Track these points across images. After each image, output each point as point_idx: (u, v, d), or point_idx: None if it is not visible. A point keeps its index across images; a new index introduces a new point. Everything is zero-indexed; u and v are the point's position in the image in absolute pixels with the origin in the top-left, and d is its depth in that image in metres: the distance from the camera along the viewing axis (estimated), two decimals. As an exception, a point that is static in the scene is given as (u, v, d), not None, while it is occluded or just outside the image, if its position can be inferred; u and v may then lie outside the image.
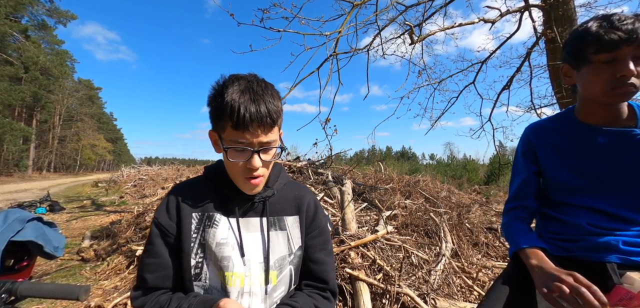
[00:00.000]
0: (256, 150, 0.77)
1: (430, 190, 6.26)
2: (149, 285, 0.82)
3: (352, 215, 2.88)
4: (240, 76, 0.80)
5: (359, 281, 1.97)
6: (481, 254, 3.38)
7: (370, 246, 2.42)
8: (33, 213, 1.79)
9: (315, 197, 1.00)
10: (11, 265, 1.69)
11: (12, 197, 11.48)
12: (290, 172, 5.96)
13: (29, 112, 34.33)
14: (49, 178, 29.70)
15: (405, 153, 50.08)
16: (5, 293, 0.84)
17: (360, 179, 7.25)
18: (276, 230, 0.89)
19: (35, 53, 26.88)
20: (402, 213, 4.11)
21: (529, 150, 1.08)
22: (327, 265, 0.95)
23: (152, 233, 0.85)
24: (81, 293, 0.84)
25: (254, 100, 0.74)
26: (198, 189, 0.89)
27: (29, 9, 27.43)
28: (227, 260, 0.82)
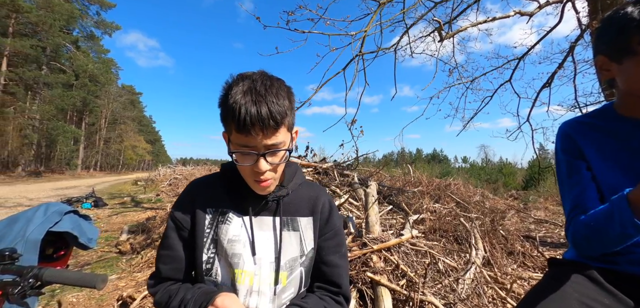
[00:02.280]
0: (262, 154, 0.74)
1: (461, 195, 5.96)
2: (163, 275, 0.86)
3: (376, 218, 2.79)
4: (246, 75, 0.76)
5: (381, 286, 1.89)
6: (516, 264, 3.14)
7: (394, 250, 2.32)
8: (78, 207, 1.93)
9: (330, 198, 0.97)
10: (51, 254, 1.81)
11: (63, 193, 12.58)
12: (315, 173, 5.95)
13: (79, 115, 37.53)
14: (95, 176, 32.25)
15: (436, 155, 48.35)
16: (33, 278, 0.88)
17: (388, 182, 7.08)
18: (289, 231, 0.87)
19: (85, 62, 29.34)
20: (431, 217, 3.94)
21: (573, 147, 0.92)
22: (340, 269, 0.91)
23: (168, 226, 0.88)
24: (98, 282, 0.86)
25: (256, 102, 0.70)
26: (213, 186, 0.89)
27: (80, 21, 30.02)
28: (237, 257, 0.82)
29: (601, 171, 0.87)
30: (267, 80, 0.75)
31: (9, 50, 23.43)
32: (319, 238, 0.90)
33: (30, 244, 1.51)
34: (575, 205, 0.87)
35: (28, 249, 1.49)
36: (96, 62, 32.62)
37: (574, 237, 0.85)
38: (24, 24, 24.08)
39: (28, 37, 24.14)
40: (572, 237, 0.85)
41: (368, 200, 3.09)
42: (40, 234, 1.55)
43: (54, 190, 14.65)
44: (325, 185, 5.11)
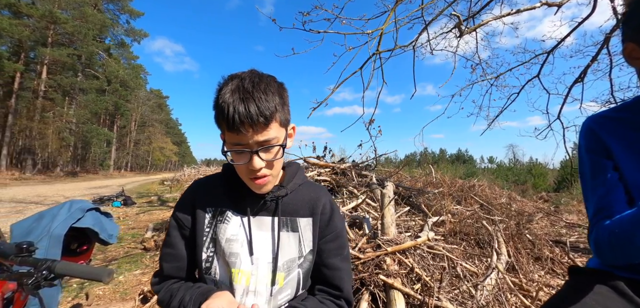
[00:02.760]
0: (255, 151, 0.74)
1: (486, 196, 5.70)
2: (165, 273, 0.87)
3: (392, 219, 2.73)
4: (235, 75, 0.77)
5: (394, 290, 1.83)
6: (544, 270, 2.95)
7: (409, 253, 2.25)
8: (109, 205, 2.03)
9: (332, 199, 0.94)
10: (75, 248, 1.91)
11: (96, 192, 13.33)
12: (333, 174, 5.91)
13: (111, 119, 39.71)
14: (126, 176, 33.97)
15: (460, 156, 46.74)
16: (46, 270, 0.92)
17: (408, 182, 6.92)
18: (288, 231, 0.86)
19: (116, 68, 31.00)
20: (451, 219, 3.80)
21: (598, 144, 0.84)
22: (341, 271, 0.89)
23: (170, 225, 0.90)
24: (104, 276, 0.90)
25: (243, 100, 0.70)
26: (214, 185, 0.90)
27: (111, 30, 31.75)
28: (235, 256, 0.82)
29: (630, 171, 0.77)
30: (255, 78, 0.75)
31: (48, 59, 25.21)
32: (320, 240, 0.88)
33: (54, 239, 1.60)
34: (599, 208, 0.79)
35: (52, 243, 1.58)
36: (126, 68, 34.33)
37: (597, 244, 0.76)
38: (62, 35, 25.80)
39: (65, 46, 25.85)
40: (595, 243, 0.77)
41: (384, 201, 3.02)
42: (63, 230, 1.64)
43: (87, 189, 15.58)
44: (342, 185, 5.07)
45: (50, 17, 23.25)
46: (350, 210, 3.87)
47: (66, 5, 25.77)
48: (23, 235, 1.65)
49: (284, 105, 0.78)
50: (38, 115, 25.58)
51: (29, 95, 25.72)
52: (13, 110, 24.33)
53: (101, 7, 29.85)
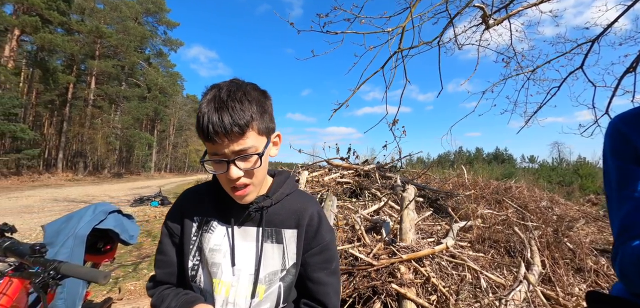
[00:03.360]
0: (232, 160, 0.72)
1: (524, 199, 5.28)
2: (158, 279, 0.89)
3: (410, 224, 2.60)
4: (215, 85, 0.76)
5: (407, 300, 1.74)
6: (586, 284, 2.66)
7: (427, 261, 2.13)
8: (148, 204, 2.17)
9: (320, 210, 0.90)
10: (100, 248, 2.04)
11: (137, 192, 14.31)
12: (356, 175, 5.83)
13: (151, 124, 42.41)
14: (165, 177, 36.16)
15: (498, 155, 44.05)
16: (53, 271, 0.99)
17: (436, 184, 6.64)
18: (272, 243, 0.83)
19: (155, 76, 33.10)
20: (481, 225, 3.57)
21: (628, 148, 0.70)
22: (327, 287, 0.85)
23: (162, 233, 0.91)
24: (100, 278, 0.95)
25: (217, 109, 0.69)
26: (202, 195, 0.90)
27: (150, 41, 33.94)
28: (216, 266, 0.81)
29: None
30: (232, 87, 0.73)
31: (96, 71, 27.56)
32: (306, 253, 0.85)
33: (79, 239, 1.70)
34: (626, 226, 0.66)
35: (77, 243, 1.69)
36: (165, 76, 36.51)
37: (621, 269, 0.65)
38: (107, 47, 28.09)
39: (110, 58, 28.12)
40: (620, 268, 0.65)
41: (403, 205, 2.90)
42: (87, 230, 1.74)
43: (130, 189, 16.78)
44: (365, 187, 4.97)
45: (97, 32, 25.39)
46: (372, 213, 3.78)
47: (111, 20, 28.06)
48: (53, 235, 1.78)
49: (264, 113, 0.76)
50: (88, 122, 28.04)
51: (80, 103, 28.31)
52: (67, 118, 26.89)
53: (141, 20, 32.06)
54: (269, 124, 0.78)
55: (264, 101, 0.78)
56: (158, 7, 33.20)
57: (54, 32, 21.21)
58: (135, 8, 30.61)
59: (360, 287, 1.95)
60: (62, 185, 18.73)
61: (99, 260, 2.03)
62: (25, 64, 23.06)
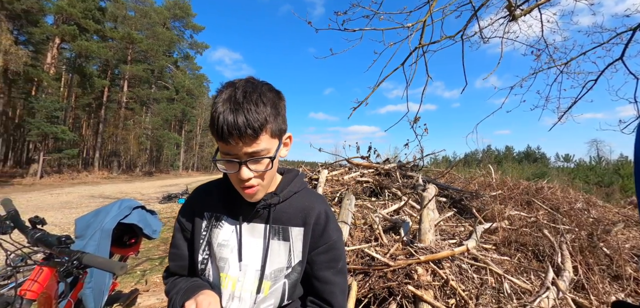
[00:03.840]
0: (244, 162, 0.73)
1: (557, 201, 4.97)
2: (171, 270, 0.93)
3: (430, 225, 2.53)
4: (230, 83, 0.76)
5: (424, 302, 1.69)
6: (625, 292, 2.45)
7: (447, 263, 2.06)
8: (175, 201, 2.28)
9: (328, 209, 0.90)
10: (126, 241, 2.15)
11: (165, 189, 14.96)
12: (376, 174, 5.75)
13: (179, 124, 44.18)
14: (193, 175, 37.55)
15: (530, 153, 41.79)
16: (76, 260, 1.06)
17: (460, 184, 6.41)
18: (279, 240, 0.84)
19: (183, 79, 34.43)
20: (507, 227, 3.40)
21: None
22: (333, 286, 0.84)
23: (175, 227, 0.94)
24: (116, 269, 1.01)
25: (233, 111, 0.69)
26: (213, 191, 0.92)
27: (177, 45, 35.38)
28: (224, 261, 0.83)
29: None
30: (248, 88, 0.73)
31: (128, 75, 29.11)
32: (312, 251, 0.85)
33: (105, 232, 1.81)
34: None
35: (103, 236, 1.79)
36: (191, 79, 37.88)
37: None
38: (138, 52, 29.59)
39: (141, 62, 29.60)
40: None
41: (423, 204, 2.82)
42: (112, 224, 1.85)
43: (160, 187, 17.59)
44: (385, 187, 4.89)
45: (128, 38, 26.82)
46: (392, 213, 3.71)
47: (141, 26, 29.55)
48: (83, 228, 1.90)
49: (278, 115, 0.76)
50: (121, 123, 29.69)
51: (114, 106, 30.02)
52: (103, 120, 28.62)
53: (169, 25, 33.47)
54: (281, 126, 0.78)
55: (278, 103, 0.77)
56: (184, 12, 34.51)
57: (90, 39, 22.65)
58: (163, 14, 32.02)
59: (375, 288, 1.92)
60: (98, 183, 19.97)
61: (124, 252, 2.14)
62: (65, 70, 24.83)
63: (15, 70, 16.96)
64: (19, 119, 24.47)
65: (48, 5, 20.58)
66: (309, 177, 5.64)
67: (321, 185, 4.69)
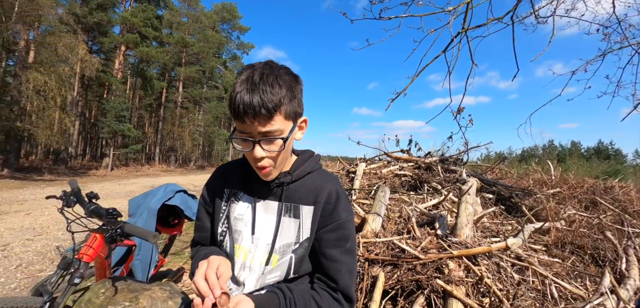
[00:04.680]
0: (257, 141, 0.76)
1: (630, 202, 4.33)
2: (195, 240, 1.02)
3: (467, 219, 2.38)
4: (250, 65, 0.79)
5: (453, 298, 1.60)
6: None
7: (484, 261, 1.93)
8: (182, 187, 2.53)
9: (340, 188, 0.91)
10: (170, 222, 2.37)
11: (214, 182, 16.05)
12: (416, 168, 5.57)
13: (228, 121, 46.93)
14: (238, 170, 39.62)
15: (601, 150, 36.85)
16: (119, 229, 1.21)
17: (511, 181, 5.92)
18: (290, 217, 0.88)
19: (231, 78, 36.40)
20: (563, 227, 3.07)
21: None
22: (339, 264, 0.85)
23: (199, 202, 1.04)
24: (150, 237, 1.14)
25: (250, 91, 0.72)
26: (234, 169, 0.99)
27: (226, 46, 37.48)
28: (238, 233, 0.89)
29: None
30: (266, 70, 0.76)
31: (182, 76, 31.62)
32: (321, 229, 0.87)
33: (151, 212, 2.02)
34: None
35: (149, 215, 2.00)
36: (238, 78, 39.81)
37: None
38: (191, 55, 31.99)
39: (193, 64, 31.95)
40: None
41: (461, 198, 2.66)
42: (157, 205, 2.06)
43: (209, 180, 18.90)
44: (425, 181, 4.71)
45: (182, 42, 29.11)
46: (430, 207, 3.57)
47: (193, 30, 31.87)
48: (135, 207, 2.15)
49: (293, 98, 0.78)
50: (177, 121, 32.40)
51: (171, 106, 32.87)
52: (162, 118, 31.53)
53: (218, 28, 35.58)
54: (296, 109, 0.80)
55: (294, 86, 0.79)
56: (231, 14, 36.39)
57: (150, 45, 25.04)
58: (212, 18, 34.13)
59: (403, 280, 1.87)
60: (158, 175, 22.07)
61: (169, 231, 2.36)
62: (129, 74, 27.81)
63: (90, 76, 19.42)
64: (94, 119, 28.00)
65: (114, 17, 23.22)
66: (347, 170, 5.64)
67: (358, 178, 4.66)
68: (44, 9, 14.40)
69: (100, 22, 22.12)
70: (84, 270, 1.21)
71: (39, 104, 14.82)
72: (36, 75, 14.13)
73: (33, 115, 15.50)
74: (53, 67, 15.21)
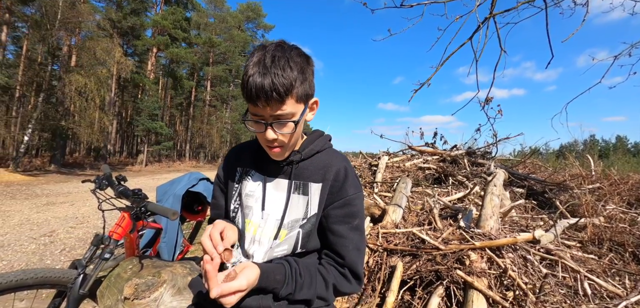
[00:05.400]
0: (269, 123, 0.77)
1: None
2: (211, 217, 1.06)
3: (493, 211, 2.28)
4: (262, 47, 0.79)
5: (474, 290, 1.54)
6: None
7: (509, 254, 1.84)
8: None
9: (348, 166, 0.92)
10: (194, 208, 2.48)
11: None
12: (441, 161, 5.42)
13: (253, 119, 48.14)
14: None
15: (651, 145, 33.72)
16: (143, 208, 1.29)
17: (545, 176, 5.59)
18: (299, 194, 0.89)
19: (255, 76, 37.25)
20: (602, 223, 2.86)
21: None
22: (346, 240, 0.86)
23: (214, 181, 1.08)
24: (170, 214, 1.20)
25: (262, 74, 0.72)
26: (246, 149, 1.02)
27: (251, 44, 38.28)
28: (249, 209, 0.92)
29: None
30: (277, 52, 0.75)
31: (210, 75, 32.73)
32: (329, 205, 0.88)
33: (176, 198, 2.12)
34: None
35: (175, 200, 2.11)
36: (263, 75, 40.61)
37: None
38: (218, 55, 33.03)
39: (220, 64, 32.96)
40: None
41: (487, 190, 2.56)
42: (182, 191, 2.16)
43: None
44: (450, 174, 4.57)
45: (209, 42, 30.13)
46: (455, 201, 3.46)
47: (219, 31, 32.85)
48: (162, 193, 2.27)
49: (305, 80, 0.78)
50: (206, 119, 33.65)
51: (200, 104, 34.16)
52: (191, 116, 32.88)
53: (243, 27, 36.41)
54: (308, 91, 0.80)
55: (306, 67, 0.79)
56: (256, 13, 37.09)
57: (179, 46, 26.16)
58: (238, 17, 34.99)
59: (422, 270, 1.83)
60: (188, 170, 23.08)
61: (193, 218, 2.47)
62: (161, 75, 29.22)
63: (125, 78, 20.66)
64: (129, 118, 29.76)
65: (146, 21, 24.48)
66: (369, 163, 5.58)
67: (380, 171, 4.61)
68: (83, 15, 15.48)
69: (133, 26, 23.45)
70: (114, 247, 1.31)
71: (81, 105, 16.00)
72: (77, 77, 15.25)
73: (76, 115, 16.77)
74: (92, 70, 16.34)
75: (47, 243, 4.19)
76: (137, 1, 23.55)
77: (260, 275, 0.75)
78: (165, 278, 1.17)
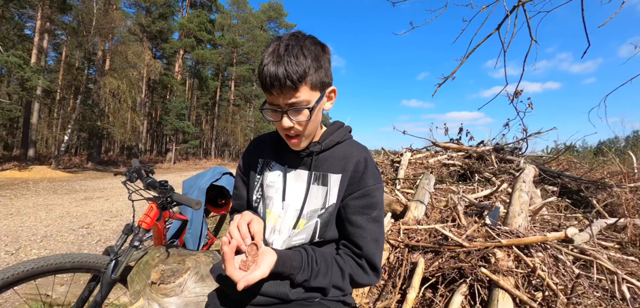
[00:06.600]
0: (285, 111, 0.78)
1: None
2: (234, 208, 1.10)
3: (521, 208, 2.17)
4: (278, 37, 0.80)
5: (500, 289, 1.48)
6: None
7: (539, 253, 1.74)
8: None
9: (369, 157, 0.91)
10: (218, 202, 2.56)
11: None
12: (466, 158, 5.24)
13: (275, 117, 48.88)
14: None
15: None
16: (169, 198, 1.36)
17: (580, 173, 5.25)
18: (318, 185, 0.90)
19: (277, 75, 37.81)
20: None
21: None
22: (364, 230, 0.86)
23: (236, 173, 1.11)
24: (193, 204, 1.26)
25: (275, 63, 0.73)
26: (268, 141, 1.04)
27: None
28: (269, 199, 0.93)
29: None
30: (291, 41, 0.76)
31: (234, 75, 33.55)
32: (348, 196, 0.88)
33: (201, 190, 2.20)
34: None
35: (199, 193, 2.19)
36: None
37: None
38: (241, 55, 33.81)
39: (243, 64, 33.72)
40: None
41: (515, 186, 2.44)
42: (206, 185, 2.24)
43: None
44: (476, 171, 4.41)
45: (233, 43, 30.91)
46: (481, 198, 3.33)
47: (243, 31, 33.61)
48: (188, 187, 2.37)
49: (320, 68, 0.78)
50: (230, 118, 34.58)
51: (225, 103, 35.14)
52: (217, 116, 33.90)
53: (265, 27, 36.99)
54: (323, 79, 0.80)
55: (320, 56, 0.79)
56: (278, 13, 37.53)
57: (204, 48, 27.02)
58: (260, 18, 35.60)
59: (445, 268, 1.78)
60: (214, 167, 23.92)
61: (217, 211, 2.56)
62: (188, 76, 30.33)
63: (155, 79, 21.66)
64: (159, 118, 31.16)
65: (173, 24, 25.51)
66: (391, 159, 5.49)
67: (403, 168, 4.53)
68: (116, 21, 16.40)
69: (161, 29, 24.51)
70: (143, 235, 1.38)
71: (114, 106, 16.98)
72: (111, 80, 16.19)
73: (110, 116, 17.82)
74: (124, 72, 17.28)
75: (85, 235, 4.49)
76: (165, 6, 24.62)
77: (277, 260, 0.77)
78: (190, 265, 1.22)
